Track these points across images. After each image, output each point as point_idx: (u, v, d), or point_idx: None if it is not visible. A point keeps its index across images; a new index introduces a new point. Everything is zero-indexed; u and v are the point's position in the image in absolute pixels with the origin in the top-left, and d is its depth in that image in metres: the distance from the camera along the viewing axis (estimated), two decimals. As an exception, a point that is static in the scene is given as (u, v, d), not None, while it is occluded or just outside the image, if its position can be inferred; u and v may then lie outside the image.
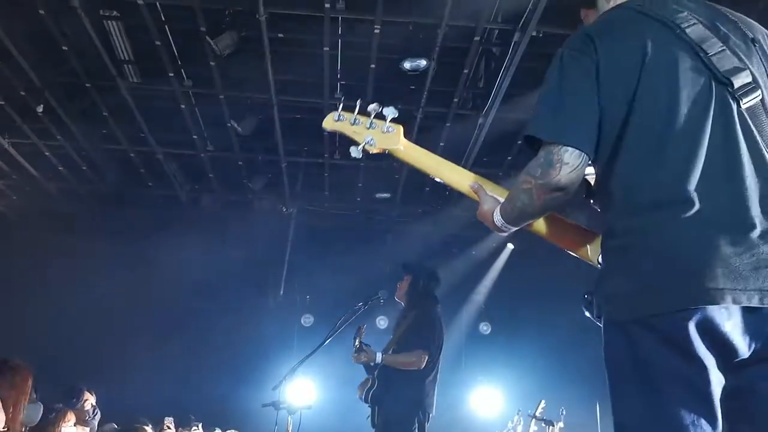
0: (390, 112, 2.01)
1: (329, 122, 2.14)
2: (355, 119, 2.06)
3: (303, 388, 5.83)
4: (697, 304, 1.32)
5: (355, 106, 2.09)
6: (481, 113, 6.57)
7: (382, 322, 9.30)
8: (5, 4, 5.40)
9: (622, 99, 1.47)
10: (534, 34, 5.32)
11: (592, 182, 1.73)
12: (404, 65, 5.47)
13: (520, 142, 7.10)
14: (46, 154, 7.73)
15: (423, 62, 5.45)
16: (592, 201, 1.77)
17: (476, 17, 5.32)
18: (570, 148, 1.49)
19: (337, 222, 9.82)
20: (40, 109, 6.19)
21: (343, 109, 2.12)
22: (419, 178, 8.50)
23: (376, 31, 5.49)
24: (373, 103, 2.05)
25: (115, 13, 5.77)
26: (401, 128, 2.06)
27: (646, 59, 1.47)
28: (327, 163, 8.00)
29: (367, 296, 4.52)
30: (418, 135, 6.91)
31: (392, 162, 8.04)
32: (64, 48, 5.75)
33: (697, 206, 1.36)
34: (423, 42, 5.51)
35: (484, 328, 9.88)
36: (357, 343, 4.30)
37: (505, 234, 1.80)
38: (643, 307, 1.38)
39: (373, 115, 2.04)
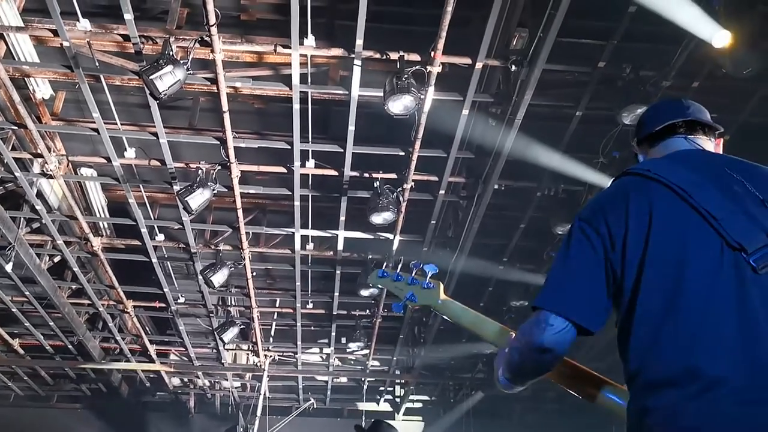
0: (430, 268, 2.05)
1: (373, 278, 2.20)
2: (398, 275, 2.11)
3: None
4: None
5: (398, 263, 2.15)
6: (451, 259, 6.66)
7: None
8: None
9: (630, 270, 1.44)
10: (496, 187, 5.57)
11: None
12: (372, 219, 5.57)
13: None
14: (13, 310, 7.61)
15: (390, 215, 5.56)
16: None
17: (440, 172, 5.57)
18: (555, 315, 1.48)
19: (310, 369, 9.61)
20: (9, 266, 6.14)
21: (386, 266, 2.20)
22: (394, 322, 8.44)
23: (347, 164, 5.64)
24: (415, 260, 2.12)
25: (91, 172, 5.94)
26: (441, 284, 2.08)
27: (651, 230, 1.43)
28: (299, 313, 7.94)
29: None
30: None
31: (365, 310, 8.01)
32: (37, 207, 5.84)
33: (710, 383, 1.25)
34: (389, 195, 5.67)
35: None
36: None
37: (511, 392, 1.71)
38: None
39: (414, 272, 2.08)
